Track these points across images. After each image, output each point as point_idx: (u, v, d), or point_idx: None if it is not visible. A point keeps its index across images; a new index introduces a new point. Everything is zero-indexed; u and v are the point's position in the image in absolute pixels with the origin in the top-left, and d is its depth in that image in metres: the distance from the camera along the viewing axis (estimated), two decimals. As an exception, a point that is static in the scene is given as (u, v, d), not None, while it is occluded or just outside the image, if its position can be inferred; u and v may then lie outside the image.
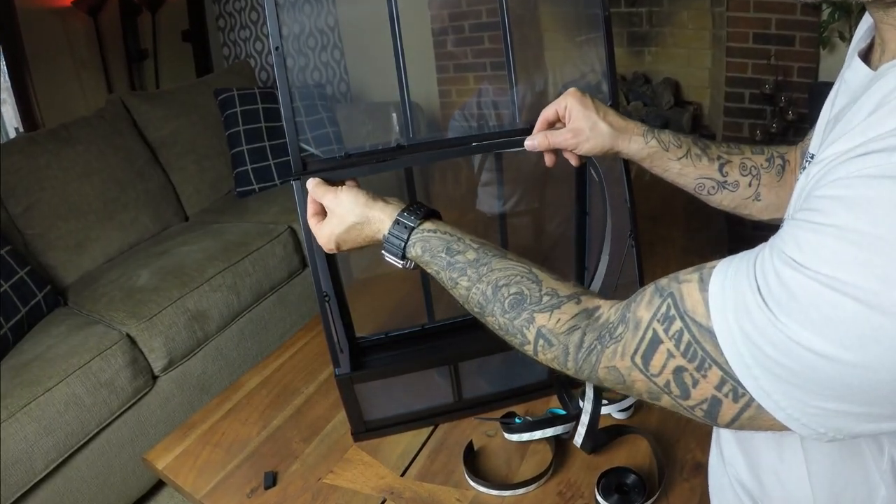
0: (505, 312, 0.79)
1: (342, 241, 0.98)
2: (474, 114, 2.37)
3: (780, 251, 0.53)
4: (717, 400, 0.58)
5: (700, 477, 1.12)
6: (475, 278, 0.82)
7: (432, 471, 1.22)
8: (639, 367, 0.63)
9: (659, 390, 0.62)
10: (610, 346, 0.67)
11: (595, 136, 1.03)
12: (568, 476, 1.17)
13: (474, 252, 0.85)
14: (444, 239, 0.88)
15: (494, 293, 0.80)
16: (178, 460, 1.33)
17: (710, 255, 0.74)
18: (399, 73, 1.19)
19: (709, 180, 1.04)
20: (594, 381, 0.70)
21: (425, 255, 0.89)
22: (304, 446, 1.32)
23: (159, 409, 2.32)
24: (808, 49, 2.87)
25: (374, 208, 0.95)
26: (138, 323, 2.28)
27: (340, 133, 3.40)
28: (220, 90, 3.39)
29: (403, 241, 0.90)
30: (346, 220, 0.96)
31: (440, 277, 0.88)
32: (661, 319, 0.61)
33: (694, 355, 0.58)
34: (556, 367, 0.76)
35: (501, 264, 0.82)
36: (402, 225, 0.91)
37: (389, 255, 0.93)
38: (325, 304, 1.17)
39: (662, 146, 1.04)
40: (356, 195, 0.97)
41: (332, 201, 0.98)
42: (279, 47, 1.06)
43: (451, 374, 1.29)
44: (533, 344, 0.76)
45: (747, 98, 3.08)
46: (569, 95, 1.06)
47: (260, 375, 1.57)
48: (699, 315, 0.58)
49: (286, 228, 2.89)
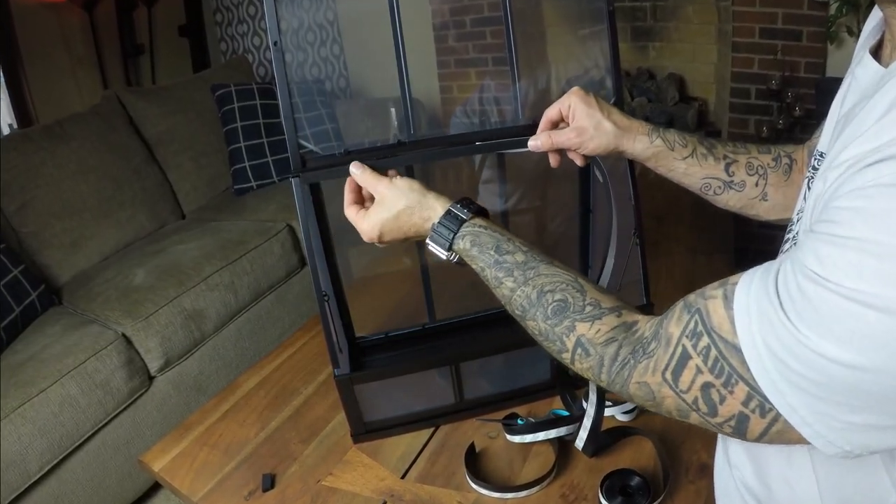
0: (547, 318, 0.79)
1: (386, 230, 0.99)
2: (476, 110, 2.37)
3: (802, 265, 0.54)
4: (744, 416, 0.59)
5: (705, 479, 1.12)
6: (521, 280, 0.83)
7: (433, 473, 1.22)
8: (669, 384, 0.64)
9: (687, 407, 0.63)
10: (642, 361, 0.68)
11: (599, 135, 1.03)
12: (571, 478, 1.17)
13: (523, 255, 0.86)
14: (495, 237, 0.89)
15: (539, 298, 0.81)
16: (175, 462, 1.33)
17: (716, 255, 0.74)
18: (400, 68, 1.18)
19: (715, 180, 1.04)
20: (626, 396, 0.71)
21: (473, 250, 0.90)
22: (303, 448, 1.32)
23: (155, 410, 2.32)
24: (816, 44, 2.86)
25: (429, 196, 0.96)
26: (134, 322, 2.28)
27: (340, 130, 3.40)
28: (217, 86, 3.39)
29: (453, 232, 0.91)
30: (398, 205, 0.97)
31: (484, 274, 0.88)
32: (690, 335, 0.62)
33: (721, 371, 0.59)
34: (589, 378, 0.77)
35: (548, 270, 0.83)
36: (454, 216, 0.92)
37: (434, 245, 0.94)
38: (324, 304, 1.17)
39: (668, 145, 1.03)
40: (412, 182, 0.98)
41: (385, 187, 0.99)
42: (278, 42, 1.06)
43: (452, 374, 1.29)
44: (571, 352, 0.77)
45: (753, 94, 3.08)
46: (572, 94, 1.05)
47: (258, 376, 1.57)
48: (725, 331, 0.59)
49: (284, 226, 2.89)
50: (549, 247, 1.79)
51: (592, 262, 1.56)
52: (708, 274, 0.90)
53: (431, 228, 0.94)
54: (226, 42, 4.68)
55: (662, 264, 1.78)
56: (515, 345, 1.31)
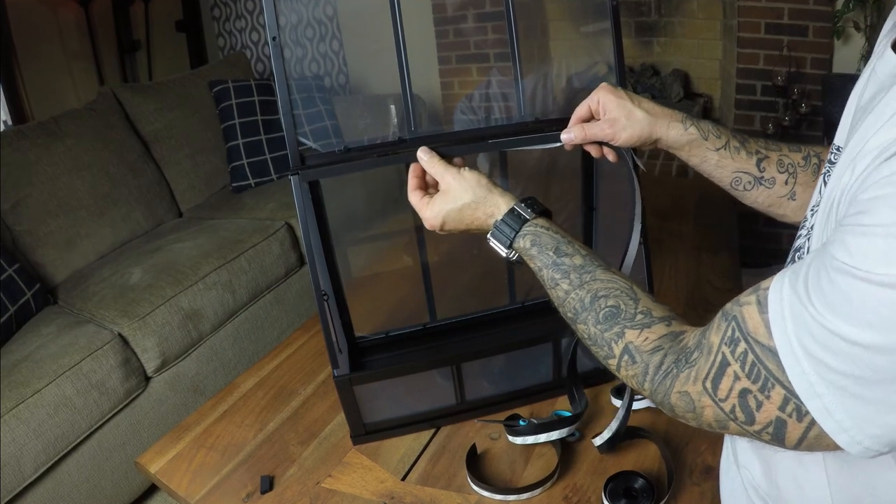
0: (598, 323, 0.81)
1: (449, 220, 1.01)
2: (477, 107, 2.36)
3: (831, 258, 0.55)
4: (781, 421, 0.60)
5: (710, 481, 1.12)
6: (576, 284, 0.85)
7: (434, 475, 1.22)
8: (708, 393, 0.65)
9: (725, 417, 0.64)
10: (684, 370, 0.69)
11: (632, 124, 1.04)
12: (574, 480, 1.16)
13: (581, 258, 0.87)
14: (555, 238, 0.91)
15: (592, 303, 0.82)
16: (172, 464, 1.32)
17: (721, 252, 0.75)
18: (400, 64, 1.18)
19: (746, 175, 1.04)
20: (666, 407, 0.72)
21: (532, 249, 0.91)
22: (302, 450, 1.32)
23: (152, 411, 2.32)
24: (822, 39, 2.87)
25: (495, 192, 0.98)
26: (130, 322, 2.28)
27: (339, 126, 3.40)
28: (214, 82, 3.39)
29: (515, 231, 0.93)
30: (463, 198, 0.98)
31: (541, 275, 0.90)
32: (728, 342, 0.64)
33: (758, 376, 0.60)
34: (633, 386, 0.78)
35: (605, 276, 0.84)
36: (517, 215, 0.94)
37: (495, 242, 0.96)
38: (323, 303, 1.17)
39: (701, 135, 1.04)
40: (479, 176, 1.00)
41: (453, 178, 1.00)
42: (276, 37, 1.06)
43: (453, 375, 1.29)
44: (618, 358, 0.78)
45: (759, 90, 3.08)
46: (600, 90, 1.06)
47: (256, 376, 1.57)
48: (761, 336, 0.60)
49: (283, 225, 2.89)
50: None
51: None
52: (711, 272, 0.90)
53: (493, 225, 0.96)
54: (223, 38, 4.68)
55: (666, 262, 1.78)
56: (518, 344, 1.31)
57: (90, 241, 2.82)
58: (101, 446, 2.15)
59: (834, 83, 2.73)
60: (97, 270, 2.67)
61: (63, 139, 2.82)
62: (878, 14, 2.62)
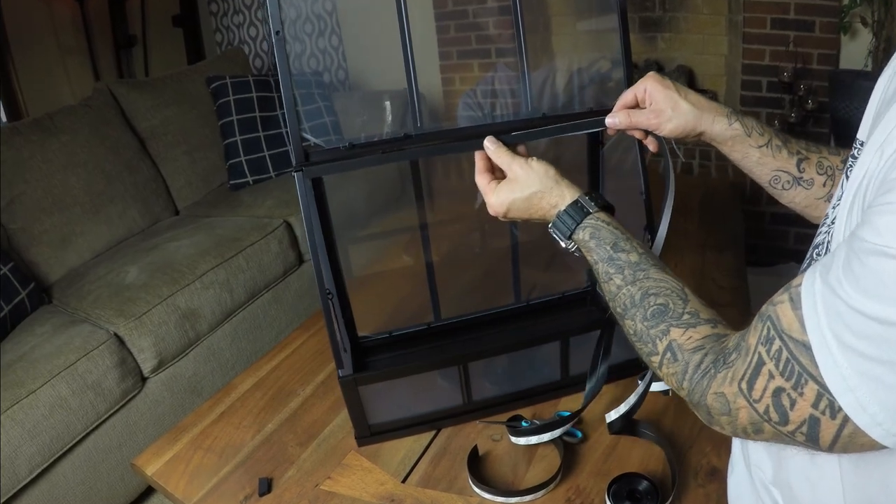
0: (645, 320, 0.83)
1: (514, 209, 1.04)
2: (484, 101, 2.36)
3: (861, 241, 0.55)
4: (815, 420, 0.60)
5: (716, 483, 1.12)
6: (630, 279, 0.88)
7: (435, 477, 1.22)
8: (744, 393, 0.66)
9: (760, 418, 0.65)
10: (722, 370, 0.70)
11: (677, 116, 1.06)
12: (577, 482, 1.16)
13: (637, 256, 0.90)
14: (615, 234, 0.93)
15: (642, 299, 0.85)
16: (169, 466, 1.33)
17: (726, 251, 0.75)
18: (406, 58, 1.18)
19: (785, 174, 1.06)
20: (703, 409, 0.73)
21: (591, 242, 0.94)
22: (301, 451, 1.32)
23: (148, 412, 2.32)
24: (829, 35, 2.86)
25: (562, 183, 1.01)
26: (126, 322, 2.28)
27: (339, 123, 3.40)
28: (212, 78, 3.40)
29: (577, 222, 0.97)
30: (531, 187, 1.02)
31: (597, 268, 0.93)
32: (764, 342, 0.65)
33: (791, 372, 0.61)
34: (672, 385, 0.80)
35: (658, 275, 0.86)
36: (580, 207, 0.97)
37: (556, 232, 1.00)
38: (327, 302, 1.16)
39: (745, 130, 1.05)
40: (547, 167, 1.03)
41: (521, 167, 1.03)
42: (279, 31, 1.06)
43: (460, 375, 1.29)
44: (660, 355, 0.80)
45: (765, 86, 3.08)
46: (648, 78, 1.09)
47: (254, 377, 1.57)
48: (795, 331, 0.61)
49: (282, 223, 2.89)
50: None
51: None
52: (717, 271, 0.90)
53: (556, 215, 0.99)
54: (221, 33, 4.67)
55: (671, 260, 1.78)
56: (525, 343, 1.31)
57: (85, 239, 2.82)
58: (97, 448, 2.15)
59: (841, 79, 2.73)
60: (92, 269, 2.67)
61: (58, 136, 2.82)
62: (886, 9, 2.62)
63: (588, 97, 1.43)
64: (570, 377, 1.36)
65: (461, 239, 1.88)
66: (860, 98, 2.64)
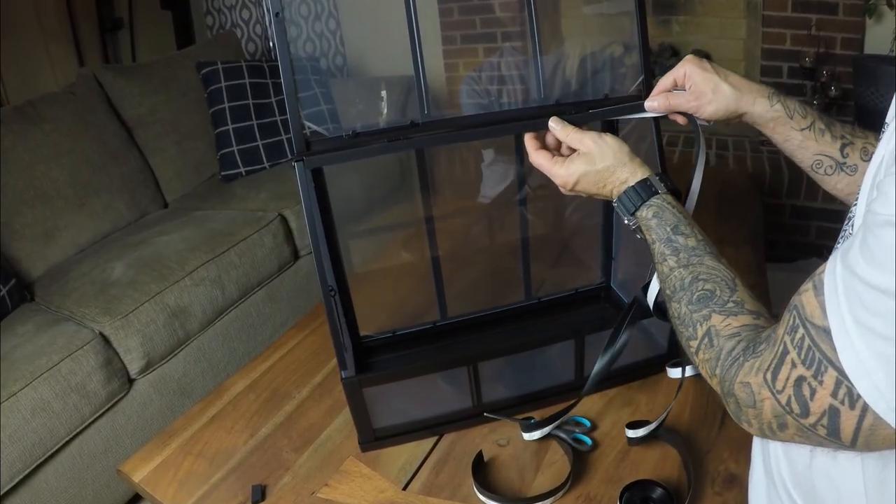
0: (690, 303, 0.87)
1: (583, 181, 1.08)
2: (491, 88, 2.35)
3: (874, 215, 0.56)
4: (834, 410, 0.61)
5: (733, 490, 1.12)
6: (683, 263, 0.92)
7: (438, 484, 1.22)
8: (768, 384, 0.68)
9: (782, 410, 0.66)
10: (750, 359, 0.72)
11: (718, 98, 1.09)
12: (588, 489, 1.16)
13: (695, 241, 0.94)
14: (678, 217, 0.98)
15: (691, 283, 0.88)
16: (157, 472, 1.32)
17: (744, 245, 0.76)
18: (413, 42, 1.17)
19: (828, 158, 1.07)
20: (731, 401, 0.75)
21: (653, 221, 0.99)
22: (296, 457, 1.32)
23: (136, 415, 2.32)
24: (853, 18, 2.86)
25: (636, 161, 1.06)
26: (112, 320, 2.28)
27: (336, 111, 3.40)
28: (202, 63, 3.39)
29: (642, 200, 1.01)
30: (605, 161, 1.06)
31: (653, 248, 0.98)
32: (789, 331, 0.66)
33: (812, 360, 0.62)
34: (706, 374, 0.82)
35: (712, 262, 0.90)
36: (649, 185, 1.02)
37: (621, 206, 1.05)
38: (330, 300, 1.16)
39: (787, 112, 1.08)
40: (622, 143, 1.07)
41: (594, 142, 1.08)
42: (280, 13, 1.05)
43: (469, 376, 1.28)
44: (699, 340, 0.83)
45: (785, 72, 3.07)
46: (686, 62, 1.12)
47: (247, 378, 1.57)
48: (817, 318, 0.62)
49: (276, 216, 2.89)
50: (566, 237, 1.79)
51: (617, 254, 1.55)
52: (735, 266, 0.91)
53: (623, 191, 1.04)
54: (212, 16, 4.67)
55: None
56: (537, 343, 1.31)
57: (69, 233, 2.82)
58: (82, 453, 2.15)
59: (866, 64, 2.73)
60: (77, 265, 2.67)
61: (40, 125, 2.82)
62: (915, -10, 2.61)
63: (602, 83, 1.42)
64: (584, 378, 1.35)
65: (468, 233, 1.87)
66: (886, 84, 2.64)
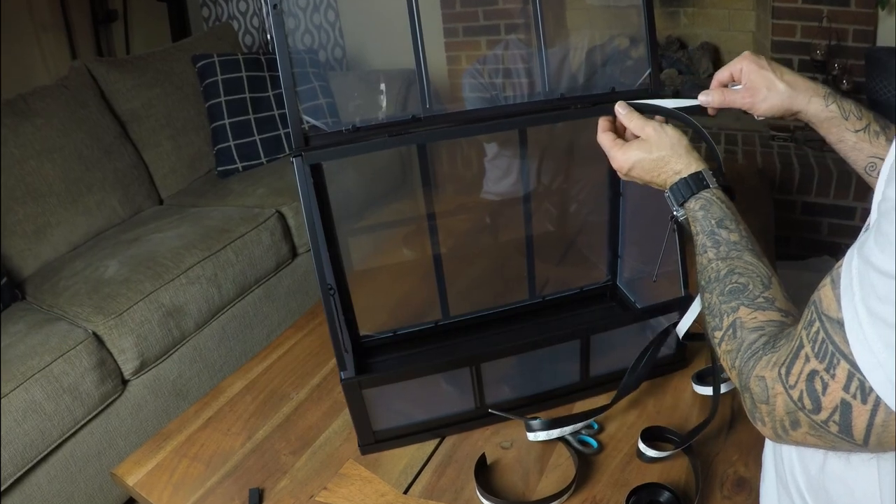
0: (721, 294, 0.89)
1: (638, 168, 1.12)
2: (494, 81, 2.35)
3: (888, 201, 0.57)
4: (846, 405, 0.61)
5: (743, 494, 1.12)
6: (723, 255, 0.94)
7: (439, 487, 1.22)
8: (781, 379, 0.69)
9: (794, 406, 0.67)
10: (768, 353, 0.75)
11: (773, 95, 1.11)
12: (593, 493, 1.16)
13: (738, 237, 0.96)
14: (725, 212, 1.00)
15: (726, 276, 0.91)
16: (152, 475, 1.32)
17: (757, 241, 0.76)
18: (414, 34, 1.17)
19: (882, 161, 1.07)
20: (747, 396, 0.77)
21: (699, 212, 1.02)
22: (294, 460, 1.32)
23: (130, 417, 2.32)
24: (865, 10, 2.85)
25: (692, 153, 1.09)
26: (106, 320, 2.28)
27: (335, 105, 3.39)
28: (198, 56, 3.39)
29: (692, 192, 1.05)
30: (662, 150, 1.10)
31: (696, 239, 1.01)
32: (806, 325, 0.67)
33: (825, 353, 0.63)
34: (726, 366, 0.85)
35: (751, 259, 0.92)
36: (702, 178, 1.05)
37: (671, 196, 1.08)
38: (329, 298, 1.15)
39: (842, 113, 1.09)
40: (681, 135, 1.11)
41: (655, 130, 1.12)
42: (277, 4, 1.05)
43: (472, 376, 1.28)
44: (724, 331, 0.85)
45: (796, 65, 3.07)
46: (743, 57, 1.14)
47: (244, 379, 1.57)
48: (832, 310, 0.63)
49: (274, 213, 2.89)
50: (571, 234, 1.79)
51: (623, 251, 1.55)
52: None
53: (676, 182, 1.07)
54: (208, 7, 4.67)
55: (695, 254, 1.78)
56: (542, 343, 1.30)
57: (62, 230, 2.82)
58: (74, 456, 2.15)
59: (878, 57, 2.72)
60: (69, 263, 2.67)
61: (32, 118, 2.82)
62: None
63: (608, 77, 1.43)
64: (590, 378, 1.35)
65: (470, 230, 1.87)
66: (899, 78, 2.64)
